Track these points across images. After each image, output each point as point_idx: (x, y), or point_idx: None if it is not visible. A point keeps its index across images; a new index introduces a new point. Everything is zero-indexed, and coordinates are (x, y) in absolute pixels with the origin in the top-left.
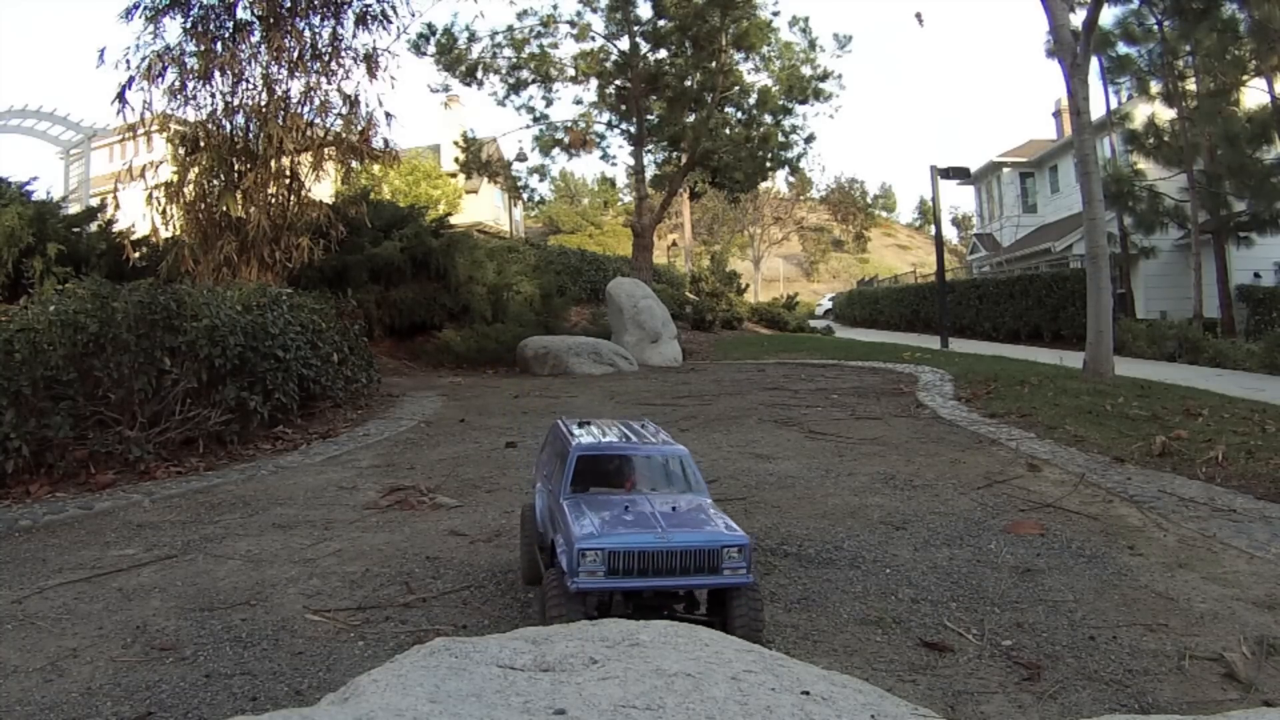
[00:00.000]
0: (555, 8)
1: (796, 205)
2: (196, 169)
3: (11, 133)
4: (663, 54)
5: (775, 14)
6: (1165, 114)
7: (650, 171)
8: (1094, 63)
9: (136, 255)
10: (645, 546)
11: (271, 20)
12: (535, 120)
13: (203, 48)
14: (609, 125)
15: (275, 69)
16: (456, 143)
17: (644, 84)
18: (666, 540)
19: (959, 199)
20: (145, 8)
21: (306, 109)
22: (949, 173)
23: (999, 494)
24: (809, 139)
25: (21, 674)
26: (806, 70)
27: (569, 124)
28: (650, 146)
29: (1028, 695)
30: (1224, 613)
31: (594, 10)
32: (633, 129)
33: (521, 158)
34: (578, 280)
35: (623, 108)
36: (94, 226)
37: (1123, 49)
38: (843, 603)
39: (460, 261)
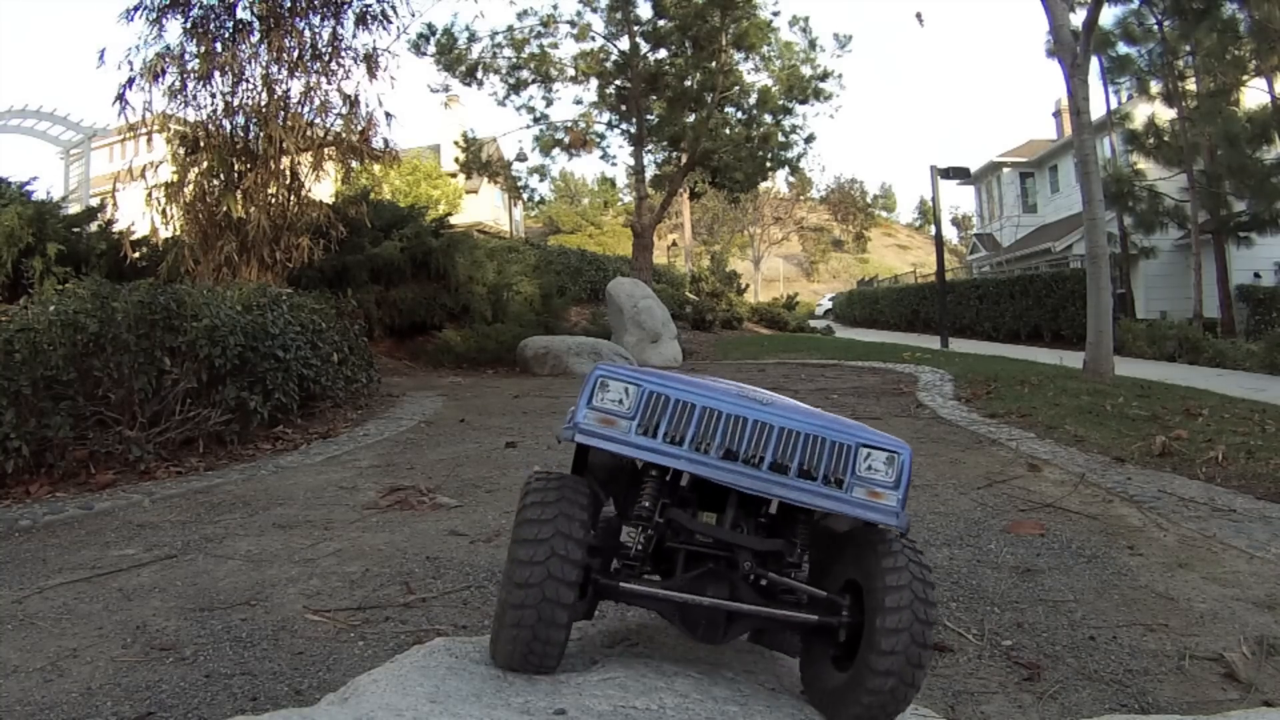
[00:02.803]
0: (555, 8)
1: (796, 205)
2: (196, 169)
3: (11, 133)
4: (663, 54)
5: (775, 14)
6: (1165, 114)
7: (650, 171)
8: (1094, 63)
9: (136, 255)
10: (719, 406)
11: (271, 20)
12: (535, 120)
13: (203, 48)
14: (609, 125)
15: (275, 69)
16: (456, 143)
17: (644, 84)
18: (761, 410)
19: (959, 199)
20: (146, 8)
21: (306, 109)
22: (949, 173)
23: (999, 494)
24: (809, 139)
25: (21, 674)
26: (806, 70)
27: (569, 124)
28: (650, 146)
29: (1028, 695)
30: (1224, 613)
31: (594, 10)
32: (633, 129)
33: (521, 158)
34: (578, 280)
35: (623, 108)
36: (94, 226)
37: (1123, 49)
38: None
39: (460, 261)
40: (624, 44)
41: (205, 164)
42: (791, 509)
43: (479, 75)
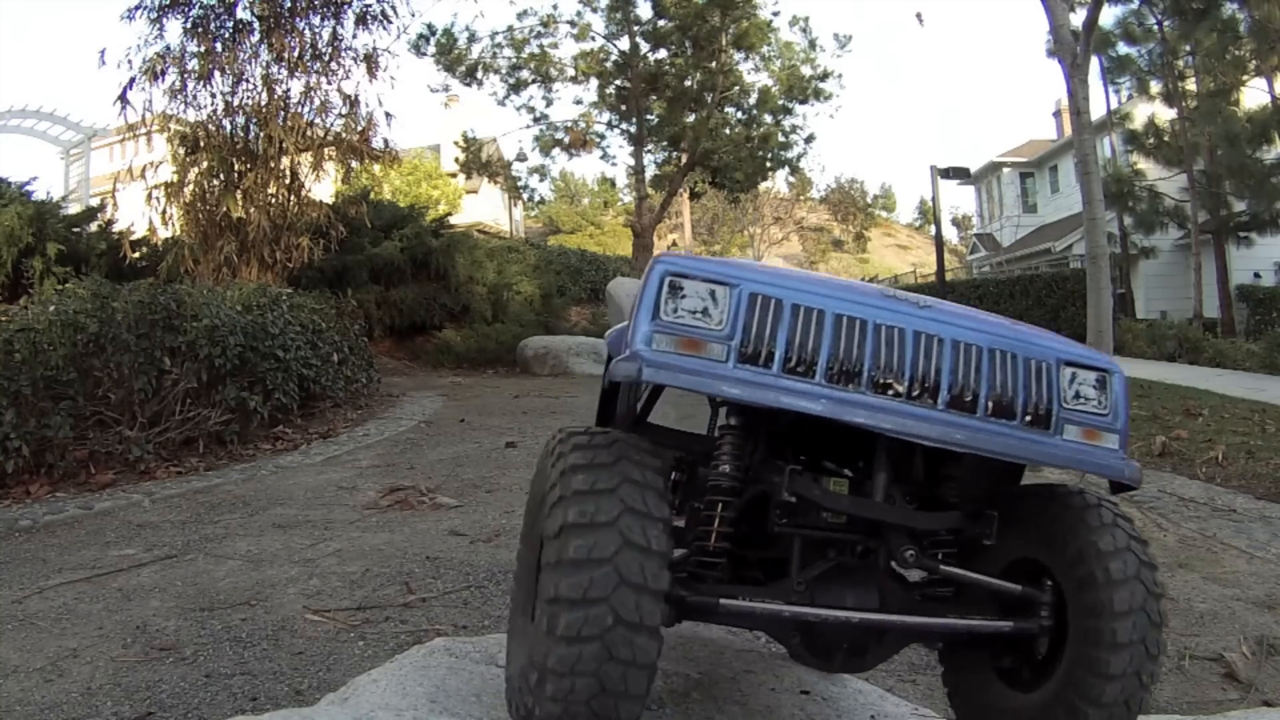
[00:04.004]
0: (555, 8)
1: (796, 205)
2: (196, 169)
3: (11, 133)
4: (663, 54)
5: (775, 14)
6: (1165, 114)
7: (650, 171)
8: (1094, 63)
9: (136, 255)
10: (860, 311)
11: (272, 20)
12: (535, 120)
13: (203, 48)
14: (609, 125)
15: (275, 69)
16: (456, 143)
17: (644, 84)
18: (922, 316)
19: (959, 199)
20: (147, 8)
21: (306, 109)
22: (949, 173)
23: None
24: (809, 139)
25: (21, 674)
26: (806, 70)
27: (569, 124)
28: (650, 146)
29: None
30: (1224, 613)
31: (594, 10)
32: (633, 129)
33: (521, 158)
34: (578, 280)
35: (623, 108)
36: (94, 226)
37: (1123, 49)
38: None
39: (460, 261)
40: (624, 44)
41: (205, 164)
42: (939, 455)
43: (479, 75)
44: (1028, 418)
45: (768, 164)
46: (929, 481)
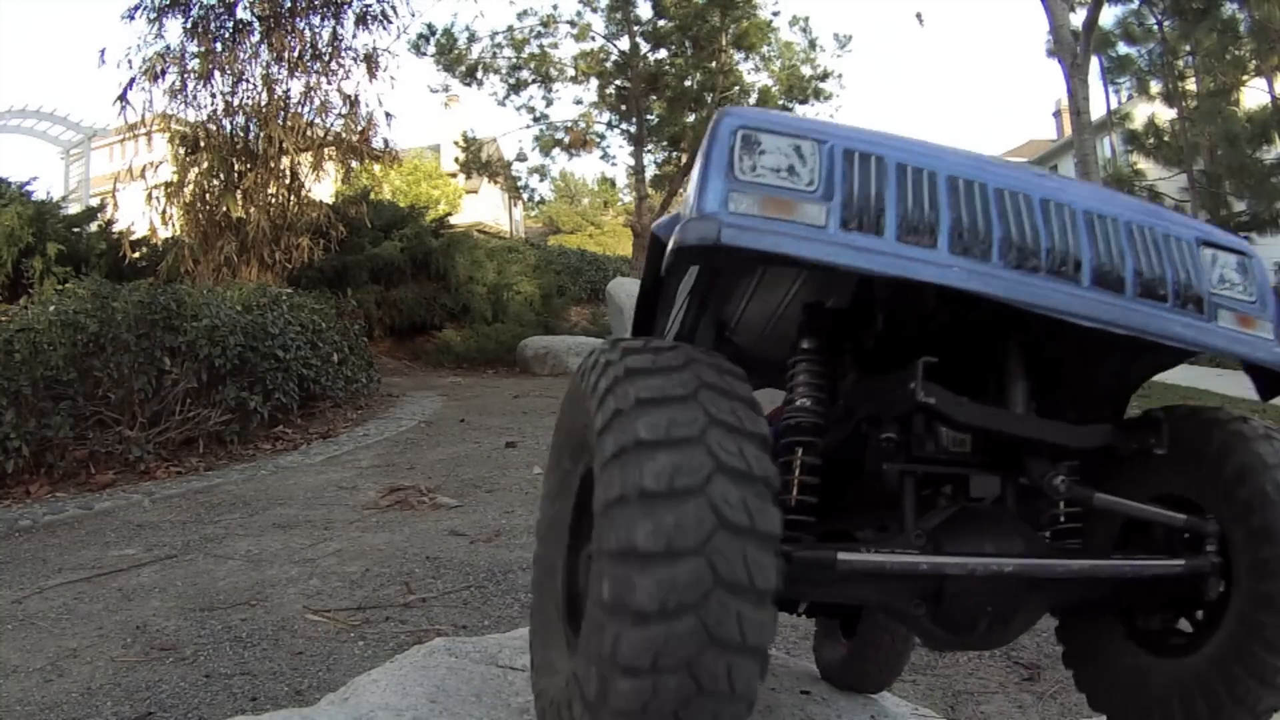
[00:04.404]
0: (555, 8)
1: None
2: (196, 169)
3: (11, 133)
4: (663, 54)
5: (775, 14)
6: (1165, 114)
7: (650, 171)
8: (1094, 63)
9: (136, 255)
10: (977, 175)
11: (272, 20)
12: (535, 120)
13: (203, 48)
14: (609, 125)
15: (275, 69)
16: (457, 143)
17: (644, 84)
18: (1045, 182)
19: None
20: (147, 8)
21: (306, 109)
22: None
23: None
24: None
25: (21, 674)
26: (806, 70)
27: (569, 124)
28: (650, 146)
29: (1028, 695)
30: None
31: (594, 10)
32: (633, 129)
33: (521, 158)
34: (578, 280)
35: (623, 108)
36: (94, 226)
37: (1123, 49)
38: None
39: (460, 261)
40: (624, 44)
41: (205, 164)
42: (1055, 365)
43: (479, 75)
44: (1178, 299)
45: None
46: (1044, 400)
